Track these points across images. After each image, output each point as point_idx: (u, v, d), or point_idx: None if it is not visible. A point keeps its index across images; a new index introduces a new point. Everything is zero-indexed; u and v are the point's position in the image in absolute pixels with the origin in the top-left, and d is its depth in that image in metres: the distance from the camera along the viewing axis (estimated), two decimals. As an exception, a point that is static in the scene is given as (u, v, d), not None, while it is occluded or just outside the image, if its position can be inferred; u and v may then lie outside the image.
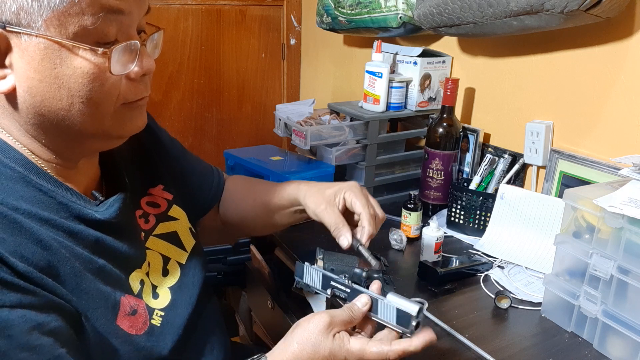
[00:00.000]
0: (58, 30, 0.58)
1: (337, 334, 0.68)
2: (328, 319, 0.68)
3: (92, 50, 0.60)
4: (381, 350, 0.67)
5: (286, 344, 0.69)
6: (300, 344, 0.67)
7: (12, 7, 0.57)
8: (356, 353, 0.67)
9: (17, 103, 0.62)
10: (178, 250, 0.85)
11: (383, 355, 0.67)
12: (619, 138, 1.14)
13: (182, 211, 0.90)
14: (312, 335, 0.68)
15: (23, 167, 0.65)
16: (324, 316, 0.69)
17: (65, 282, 0.63)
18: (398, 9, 1.46)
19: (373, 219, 0.82)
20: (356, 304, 0.72)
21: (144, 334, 0.71)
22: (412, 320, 0.68)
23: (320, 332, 0.67)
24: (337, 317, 0.69)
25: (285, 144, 2.25)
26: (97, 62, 0.61)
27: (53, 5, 0.57)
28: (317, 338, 0.67)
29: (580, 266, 0.91)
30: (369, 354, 0.67)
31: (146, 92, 0.70)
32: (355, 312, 0.71)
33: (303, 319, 0.70)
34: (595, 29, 1.14)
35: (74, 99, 0.62)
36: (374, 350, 0.67)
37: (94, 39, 0.60)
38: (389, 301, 0.70)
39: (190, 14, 1.98)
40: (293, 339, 0.68)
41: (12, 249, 0.58)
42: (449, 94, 1.34)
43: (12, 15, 0.57)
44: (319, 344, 0.67)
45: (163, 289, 0.78)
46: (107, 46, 0.61)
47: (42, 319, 0.58)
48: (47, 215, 0.64)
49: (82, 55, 0.60)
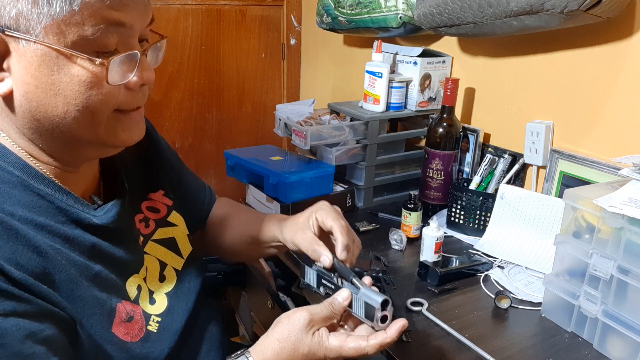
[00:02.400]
0: (57, 38, 0.58)
1: (317, 332, 0.70)
2: (308, 317, 0.70)
3: (90, 60, 0.60)
4: (358, 346, 0.69)
5: (267, 340, 0.71)
6: (280, 342, 0.70)
7: (11, 12, 0.57)
8: (335, 350, 0.69)
9: (14, 106, 0.62)
10: (175, 256, 0.85)
11: (361, 350, 0.69)
12: (619, 138, 1.14)
13: (180, 218, 0.89)
14: (292, 333, 0.70)
15: (21, 171, 0.65)
16: (304, 314, 0.70)
17: (60, 290, 0.62)
18: (398, 9, 1.46)
19: (346, 230, 0.81)
20: (337, 299, 0.73)
21: (139, 341, 0.70)
22: (377, 312, 0.69)
23: (300, 330, 0.69)
24: (317, 315, 0.71)
25: (285, 144, 2.25)
26: (94, 71, 0.60)
27: (53, 13, 0.57)
28: (297, 336, 0.69)
29: (580, 266, 0.91)
30: (347, 350, 0.69)
31: (142, 101, 0.69)
32: (336, 307, 0.73)
33: (284, 315, 0.72)
34: (595, 29, 1.14)
35: (69, 107, 0.61)
36: (351, 346, 0.69)
37: (93, 48, 0.60)
38: (360, 295, 0.72)
39: (190, 14, 1.98)
40: (274, 336, 0.70)
41: (8, 256, 0.58)
42: (449, 94, 1.34)
43: (11, 20, 0.57)
44: (298, 342, 0.69)
45: (160, 294, 0.78)
46: (106, 55, 0.61)
47: (36, 327, 0.58)
48: (44, 221, 0.63)
49: (80, 64, 0.60)
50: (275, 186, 1.37)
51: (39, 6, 0.56)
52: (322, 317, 0.71)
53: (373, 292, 0.72)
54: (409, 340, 0.90)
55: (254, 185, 1.50)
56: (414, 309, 0.99)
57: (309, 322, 0.70)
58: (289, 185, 1.35)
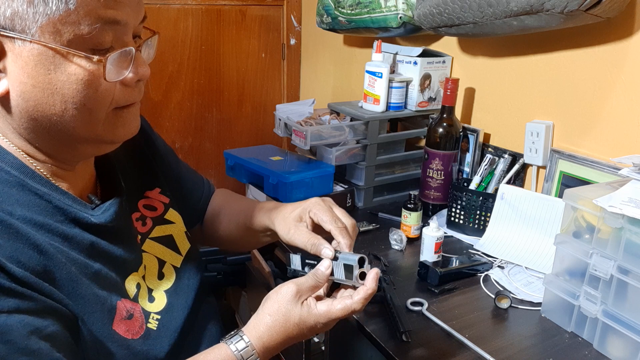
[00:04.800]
0: (53, 37, 0.58)
1: (305, 301, 0.72)
2: (295, 288, 0.72)
3: (87, 57, 0.60)
4: (345, 305, 0.71)
5: (259, 317, 0.72)
6: (272, 315, 0.71)
7: (6, 12, 0.57)
8: (324, 314, 0.71)
9: (10, 106, 0.62)
10: (173, 253, 0.85)
11: (348, 308, 0.70)
12: (619, 138, 1.14)
13: (178, 215, 0.90)
14: (282, 305, 0.71)
15: (18, 171, 0.65)
16: (291, 286, 0.72)
17: (61, 287, 0.63)
18: (398, 9, 1.46)
19: (344, 231, 0.82)
20: (319, 269, 0.75)
21: (140, 338, 0.71)
22: (355, 269, 0.73)
23: (289, 301, 0.71)
24: (304, 285, 0.73)
25: (285, 144, 2.25)
26: (91, 69, 0.61)
27: (49, 12, 0.57)
28: (287, 307, 0.71)
29: (580, 266, 0.91)
30: (335, 312, 0.71)
31: (139, 97, 0.69)
32: (320, 276, 0.74)
33: (272, 291, 0.73)
34: (595, 29, 1.14)
35: (67, 105, 0.62)
36: (339, 307, 0.71)
37: (89, 46, 0.60)
38: (340, 260, 0.75)
39: (190, 14, 1.97)
40: (265, 312, 0.72)
41: (9, 254, 0.58)
42: (449, 94, 1.34)
43: (6, 20, 0.57)
44: (289, 312, 0.71)
45: (159, 292, 0.78)
46: (102, 53, 0.61)
47: (40, 324, 0.58)
48: (43, 220, 0.64)
49: (77, 62, 0.60)
50: (275, 186, 1.37)
51: (35, 5, 0.56)
52: (308, 287, 0.73)
53: (350, 254, 0.75)
54: (409, 340, 0.90)
55: (254, 185, 1.50)
56: (414, 309, 0.99)
57: (297, 292, 0.71)
58: (289, 185, 1.35)
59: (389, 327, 0.93)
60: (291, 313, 0.70)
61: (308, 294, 0.73)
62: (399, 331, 0.90)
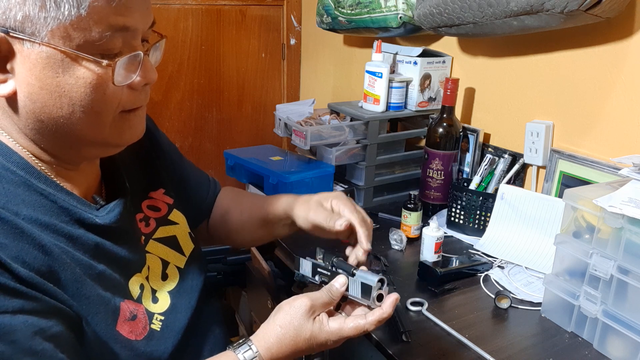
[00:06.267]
0: (63, 41, 0.58)
1: (317, 317, 0.72)
2: (309, 303, 0.71)
3: (96, 61, 0.60)
4: (357, 325, 0.71)
5: (269, 327, 0.72)
6: (283, 328, 0.71)
7: (17, 15, 0.57)
8: (335, 332, 0.71)
9: (17, 107, 0.62)
10: (177, 254, 0.85)
11: (360, 328, 0.71)
12: (619, 138, 1.14)
13: (182, 215, 0.90)
14: (294, 319, 0.71)
15: (24, 171, 0.65)
16: (305, 300, 0.71)
17: (66, 288, 0.63)
18: (398, 9, 1.46)
19: (364, 223, 0.84)
20: (334, 285, 0.75)
21: (144, 339, 0.71)
22: (373, 291, 0.72)
23: (302, 316, 0.71)
24: (318, 300, 0.72)
25: (285, 144, 2.25)
26: (100, 72, 0.61)
27: (61, 17, 0.57)
28: (299, 322, 0.70)
29: (580, 266, 0.91)
30: (347, 330, 0.71)
31: (145, 100, 0.70)
32: (334, 292, 0.74)
33: (285, 302, 0.73)
34: (595, 29, 1.14)
35: (74, 108, 0.62)
36: (351, 326, 0.71)
37: (98, 50, 0.60)
38: (356, 278, 0.74)
39: (190, 14, 1.97)
40: (276, 322, 0.71)
41: (14, 255, 0.58)
42: (449, 94, 1.34)
43: (16, 23, 0.57)
44: (300, 327, 0.70)
45: (162, 293, 0.78)
46: (111, 57, 0.61)
47: (44, 324, 0.58)
48: (48, 220, 0.64)
49: (86, 65, 0.60)
50: (275, 186, 1.37)
51: (47, 10, 0.57)
52: (322, 303, 0.73)
53: (369, 273, 0.74)
54: (409, 340, 0.90)
55: (254, 185, 1.50)
56: (414, 309, 0.99)
57: (310, 307, 0.71)
58: (289, 185, 1.35)
59: (389, 327, 0.93)
60: (303, 328, 0.70)
61: (321, 310, 0.73)
62: (399, 331, 0.90)
